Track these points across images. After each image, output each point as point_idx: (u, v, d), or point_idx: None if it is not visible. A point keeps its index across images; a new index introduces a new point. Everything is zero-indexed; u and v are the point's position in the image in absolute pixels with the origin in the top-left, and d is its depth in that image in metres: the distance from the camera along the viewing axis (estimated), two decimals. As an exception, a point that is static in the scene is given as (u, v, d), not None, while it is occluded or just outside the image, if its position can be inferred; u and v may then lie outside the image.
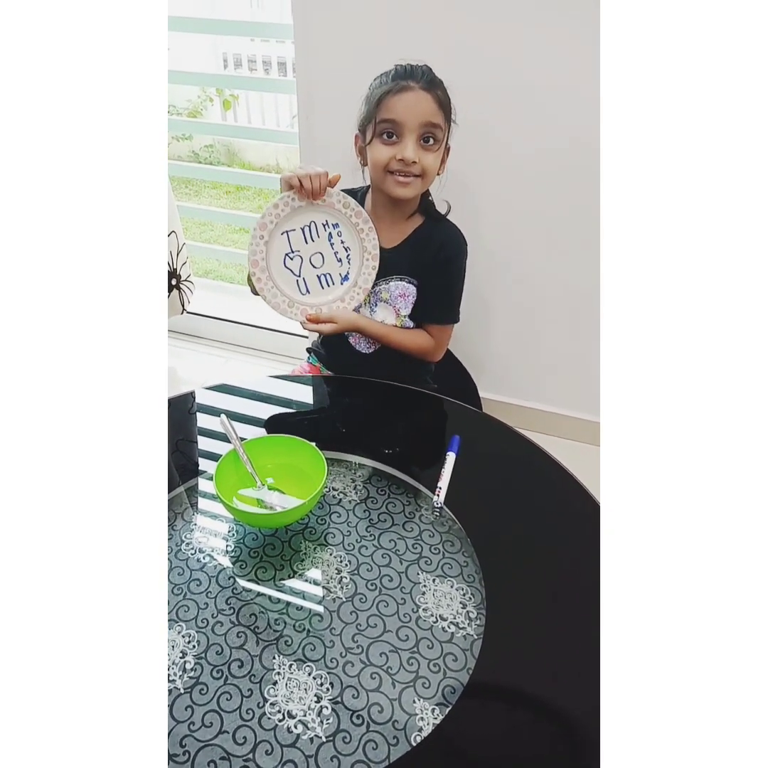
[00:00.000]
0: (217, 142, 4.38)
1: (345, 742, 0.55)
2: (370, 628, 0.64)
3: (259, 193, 4.01)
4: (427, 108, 0.92)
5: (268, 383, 1.07)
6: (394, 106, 0.92)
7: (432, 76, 0.95)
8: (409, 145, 0.93)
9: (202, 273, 2.97)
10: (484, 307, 1.62)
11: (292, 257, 0.99)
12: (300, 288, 1.01)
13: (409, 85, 0.92)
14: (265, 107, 4.40)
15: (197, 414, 0.99)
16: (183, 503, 0.80)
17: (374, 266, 1.01)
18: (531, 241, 1.50)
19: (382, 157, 0.95)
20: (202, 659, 0.61)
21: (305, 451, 0.80)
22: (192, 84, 3.19)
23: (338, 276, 1.01)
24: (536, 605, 0.68)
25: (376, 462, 0.87)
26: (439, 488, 0.80)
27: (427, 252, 1.06)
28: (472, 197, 1.47)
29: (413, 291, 1.08)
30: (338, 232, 0.99)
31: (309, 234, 0.98)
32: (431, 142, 0.95)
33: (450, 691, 0.59)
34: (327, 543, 0.75)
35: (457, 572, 0.71)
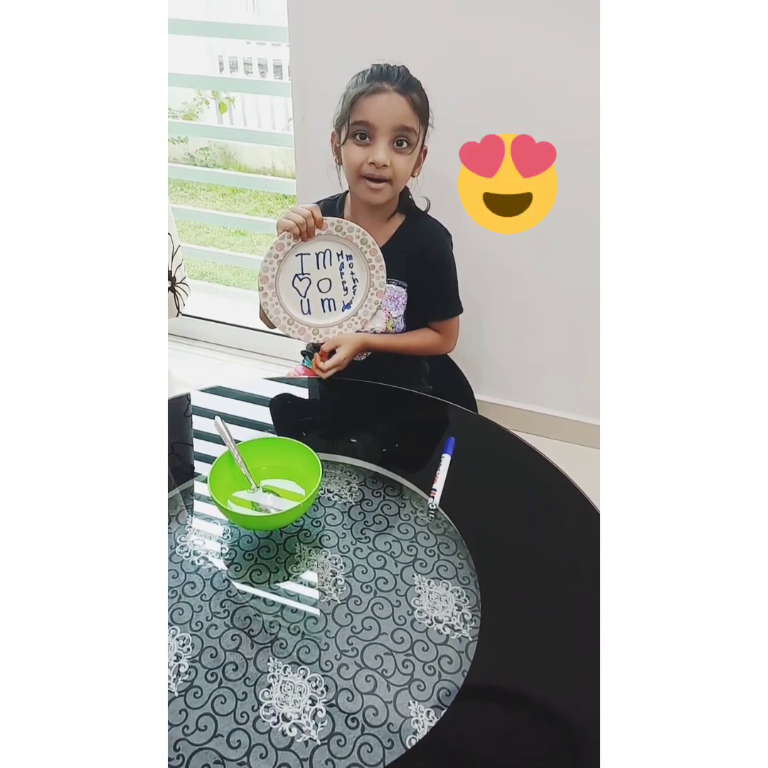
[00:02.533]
0: (212, 145, 4.37)
1: (340, 745, 0.55)
2: (365, 630, 0.64)
3: (254, 195, 4.01)
4: (401, 111, 0.92)
5: (263, 385, 1.07)
6: (368, 108, 0.92)
7: (408, 78, 0.94)
8: (380, 148, 0.93)
9: (198, 275, 2.96)
10: (476, 309, 1.62)
11: (301, 278, 1.02)
12: (302, 307, 1.04)
13: (384, 87, 0.91)
14: (260, 110, 4.40)
15: (192, 416, 0.99)
16: (178, 506, 0.80)
17: (377, 302, 1.04)
18: (523, 241, 1.50)
19: (355, 159, 0.96)
20: (196, 662, 0.61)
21: (300, 453, 0.80)
22: (187, 86, 3.19)
23: (341, 303, 1.04)
24: (531, 607, 0.68)
25: (371, 464, 0.86)
26: (434, 490, 0.80)
27: (413, 254, 1.06)
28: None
29: (403, 293, 1.08)
30: (350, 263, 1.02)
31: (322, 260, 1.01)
32: (404, 146, 0.95)
33: (445, 693, 0.59)
34: (322, 545, 0.74)
35: (452, 574, 0.70)
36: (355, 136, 0.94)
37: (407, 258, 1.06)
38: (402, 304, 1.09)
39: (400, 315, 1.10)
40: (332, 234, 0.99)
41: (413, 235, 1.07)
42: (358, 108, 0.92)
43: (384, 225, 1.06)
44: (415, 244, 1.06)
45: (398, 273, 1.06)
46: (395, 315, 1.09)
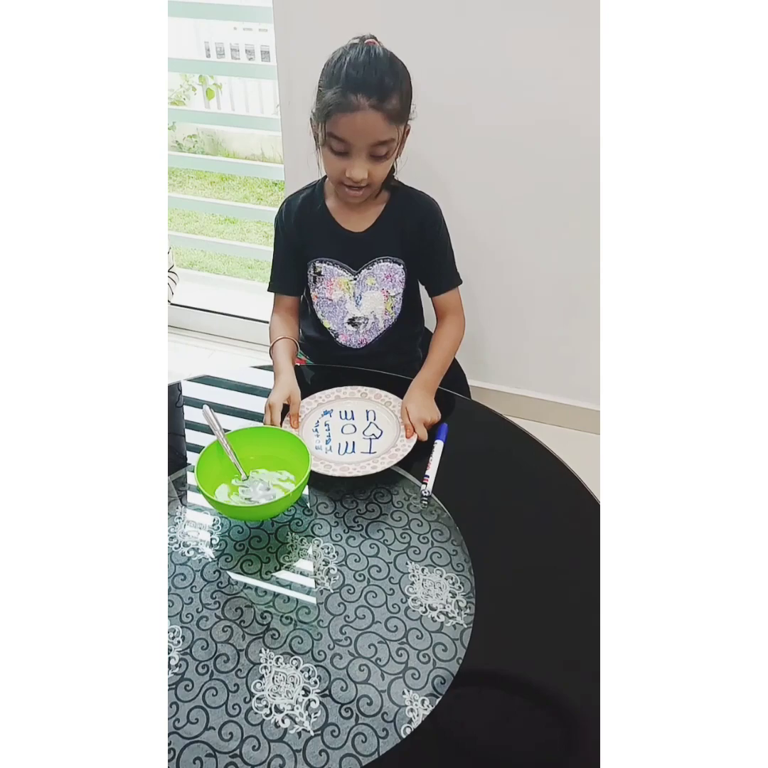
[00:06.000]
0: (200, 132, 4.31)
1: (333, 735, 0.54)
2: (359, 619, 0.63)
3: (244, 183, 3.96)
4: (377, 128, 0.89)
5: (251, 374, 1.05)
6: (343, 126, 0.89)
7: (385, 85, 0.88)
8: (357, 165, 0.92)
9: (187, 264, 2.93)
10: (470, 294, 1.60)
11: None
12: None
13: (359, 103, 0.86)
14: (249, 97, 4.34)
15: (184, 406, 0.97)
16: (167, 497, 0.78)
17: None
18: (517, 225, 1.49)
19: (333, 169, 0.95)
20: (187, 655, 0.60)
21: (289, 442, 0.79)
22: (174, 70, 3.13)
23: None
24: (526, 593, 0.67)
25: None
26: (427, 477, 0.79)
27: (406, 227, 1.04)
28: (455, 180, 1.45)
29: (399, 270, 1.07)
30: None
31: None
32: (382, 155, 0.93)
33: (440, 681, 0.58)
34: (314, 534, 0.73)
35: (446, 561, 0.70)
36: (330, 145, 0.92)
37: (401, 234, 1.05)
38: (399, 282, 1.07)
39: (399, 293, 1.08)
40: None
41: (404, 210, 1.05)
42: (334, 122, 0.89)
43: (370, 205, 1.04)
44: (407, 219, 1.05)
45: (392, 250, 1.05)
46: (393, 293, 1.08)
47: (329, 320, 1.11)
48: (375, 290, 1.07)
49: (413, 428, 0.86)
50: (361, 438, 0.87)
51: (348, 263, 1.06)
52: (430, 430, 0.88)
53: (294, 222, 1.07)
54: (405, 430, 0.87)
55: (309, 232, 1.06)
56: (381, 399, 0.94)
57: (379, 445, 0.86)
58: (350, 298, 1.08)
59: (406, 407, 0.89)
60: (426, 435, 0.86)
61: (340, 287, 1.07)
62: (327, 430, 0.88)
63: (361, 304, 1.08)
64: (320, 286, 1.08)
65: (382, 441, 0.86)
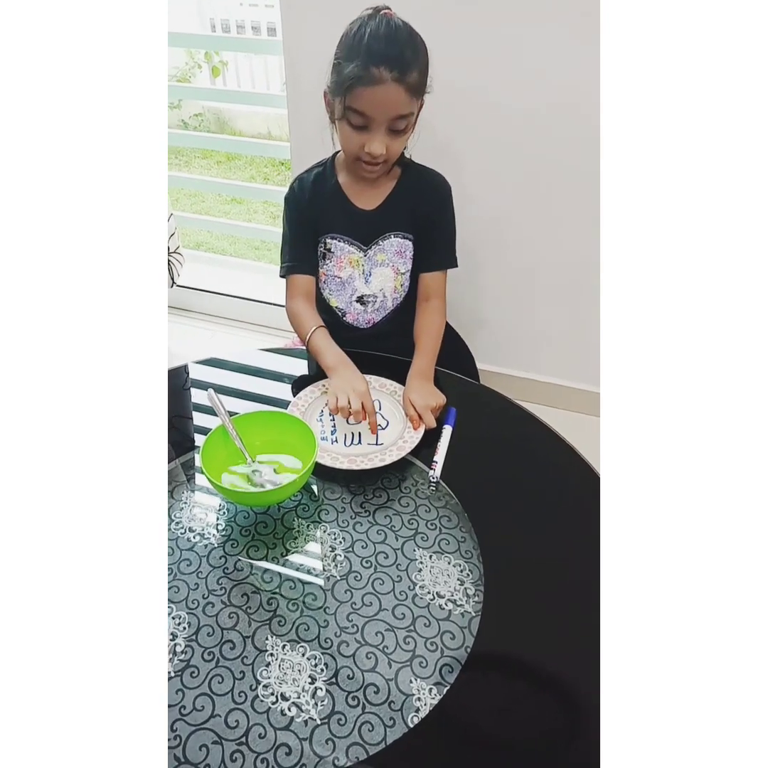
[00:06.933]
0: (206, 111, 4.25)
1: (340, 724, 0.53)
2: (366, 606, 0.63)
3: (250, 162, 3.92)
4: (398, 102, 0.87)
5: (258, 356, 1.04)
6: (364, 100, 0.86)
7: (406, 58, 0.85)
8: (376, 139, 0.90)
9: (194, 245, 2.91)
10: (477, 276, 1.58)
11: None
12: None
13: (381, 76, 0.84)
14: (255, 74, 4.27)
15: (191, 389, 0.96)
16: (172, 481, 0.78)
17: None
18: (527, 205, 1.45)
19: (350, 144, 0.93)
20: (192, 641, 0.60)
21: (295, 427, 0.77)
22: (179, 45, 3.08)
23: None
24: (535, 581, 0.66)
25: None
26: (435, 462, 0.78)
27: (416, 204, 1.03)
28: (466, 158, 1.42)
29: (410, 246, 1.05)
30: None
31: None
32: (401, 129, 0.91)
33: (448, 670, 0.57)
34: (320, 520, 0.73)
35: (454, 548, 0.69)
36: (349, 119, 0.90)
37: (411, 210, 1.03)
38: (409, 259, 1.06)
39: (408, 270, 1.06)
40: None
41: (415, 186, 1.04)
42: (354, 95, 0.87)
43: (382, 181, 1.02)
44: (418, 195, 1.03)
45: (403, 226, 1.04)
46: (403, 270, 1.06)
47: (336, 298, 1.09)
48: (385, 267, 1.05)
49: (419, 418, 0.85)
50: (368, 429, 0.85)
51: (358, 240, 1.04)
52: (437, 416, 0.86)
53: (308, 198, 1.05)
54: (411, 422, 0.85)
55: (321, 208, 1.04)
56: (386, 388, 0.93)
57: (385, 436, 0.84)
58: (360, 275, 1.06)
59: (409, 398, 0.88)
60: (434, 422, 0.85)
61: (350, 264, 1.05)
62: (332, 421, 0.87)
63: (371, 281, 1.06)
64: (329, 263, 1.06)
65: (389, 432, 0.85)
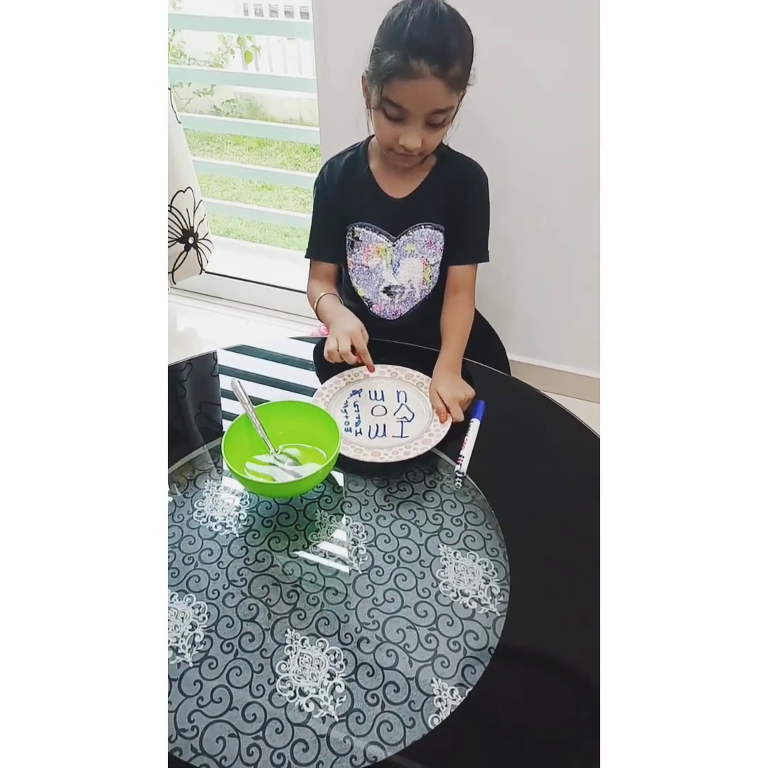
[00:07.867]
0: (238, 96, 4.26)
1: (358, 722, 0.52)
2: (387, 602, 0.61)
3: (282, 148, 3.91)
4: (437, 97, 0.84)
5: (287, 344, 1.03)
6: (401, 93, 0.83)
7: (449, 50, 0.81)
8: (413, 133, 0.87)
9: (224, 232, 2.92)
10: (510, 263, 1.54)
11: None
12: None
13: (421, 70, 0.81)
14: (287, 59, 4.26)
15: (219, 376, 0.96)
16: (195, 470, 0.77)
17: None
18: (563, 196, 1.41)
19: (385, 135, 0.90)
20: (212, 632, 0.59)
21: (319, 417, 0.76)
22: (212, 30, 3.08)
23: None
24: (563, 581, 0.64)
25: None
26: (462, 457, 0.76)
27: (450, 194, 1.00)
28: (503, 141, 1.38)
29: (440, 237, 1.02)
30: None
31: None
32: (438, 123, 0.88)
33: (470, 671, 0.56)
34: (343, 512, 0.71)
35: (479, 545, 0.67)
36: (386, 110, 0.87)
37: (443, 200, 1.00)
38: (440, 250, 1.03)
39: (438, 262, 1.04)
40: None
41: (449, 175, 1.00)
42: (392, 87, 0.84)
43: (416, 170, 1.00)
44: (451, 185, 1.00)
45: (434, 216, 1.01)
46: (433, 262, 1.03)
47: (364, 288, 1.07)
48: (414, 257, 1.03)
49: (447, 411, 0.83)
50: (393, 421, 0.83)
51: (387, 229, 1.02)
52: (465, 409, 0.84)
53: (338, 184, 1.03)
54: (438, 414, 0.83)
55: (351, 195, 1.02)
56: (412, 379, 0.91)
57: (411, 428, 0.82)
58: (387, 265, 1.04)
59: (437, 390, 0.85)
60: (461, 415, 0.82)
61: (378, 254, 1.03)
62: (356, 411, 0.85)
63: (399, 272, 1.04)
64: (357, 251, 1.04)
65: (414, 425, 0.83)
